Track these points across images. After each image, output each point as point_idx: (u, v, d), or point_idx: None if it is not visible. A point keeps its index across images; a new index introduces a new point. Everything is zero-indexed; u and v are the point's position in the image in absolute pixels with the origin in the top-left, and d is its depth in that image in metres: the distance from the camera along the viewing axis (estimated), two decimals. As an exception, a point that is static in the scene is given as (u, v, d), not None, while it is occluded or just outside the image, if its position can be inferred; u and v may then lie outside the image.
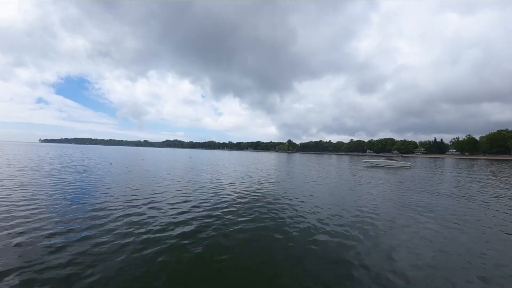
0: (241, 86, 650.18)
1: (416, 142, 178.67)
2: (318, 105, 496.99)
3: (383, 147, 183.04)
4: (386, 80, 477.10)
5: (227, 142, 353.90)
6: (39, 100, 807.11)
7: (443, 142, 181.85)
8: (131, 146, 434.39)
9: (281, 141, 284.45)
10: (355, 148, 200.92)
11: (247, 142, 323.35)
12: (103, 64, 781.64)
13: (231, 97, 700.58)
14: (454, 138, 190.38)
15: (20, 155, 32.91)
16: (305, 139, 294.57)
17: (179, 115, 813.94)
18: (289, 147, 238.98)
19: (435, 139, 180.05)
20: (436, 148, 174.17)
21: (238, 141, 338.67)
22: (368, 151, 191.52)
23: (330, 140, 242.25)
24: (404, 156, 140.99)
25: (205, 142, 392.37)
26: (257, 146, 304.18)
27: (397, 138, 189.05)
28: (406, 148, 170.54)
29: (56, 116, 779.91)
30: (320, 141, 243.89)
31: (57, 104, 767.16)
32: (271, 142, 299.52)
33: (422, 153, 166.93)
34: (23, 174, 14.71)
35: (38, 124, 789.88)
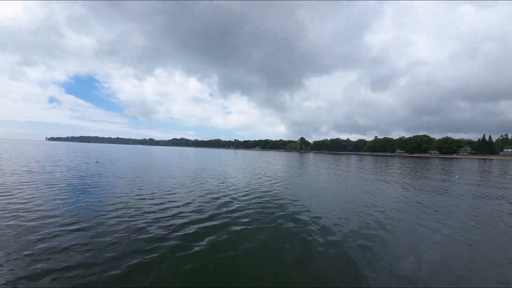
0: (249, 84, 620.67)
1: (460, 141, 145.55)
2: (329, 103, 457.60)
3: (418, 146, 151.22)
4: (399, 75, 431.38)
5: (233, 140, 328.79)
6: (51, 100, 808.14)
7: (492, 141, 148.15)
8: (137, 144, 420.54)
9: (292, 139, 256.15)
10: (381, 147, 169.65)
11: (255, 141, 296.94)
12: (110, 63, 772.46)
13: (239, 96, 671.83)
14: (502, 135, 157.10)
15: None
16: (315, 137, 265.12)
17: (188, 114, 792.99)
18: (302, 146, 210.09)
19: (484, 136, 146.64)
20: (485, 147, 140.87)
21: (246, 139, 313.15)
22: (398, 150, 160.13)
23: (348, 138, 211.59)
24: (448, 157, 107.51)
25: (210, 140, 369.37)
26: (265, 145, 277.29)
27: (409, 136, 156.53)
28: (449, 147, 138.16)
29: (69, 116, 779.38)
30: (337, 139, 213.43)
31: (69, 104, 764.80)
32: (280, 140, 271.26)
33: (470, 153, 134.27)
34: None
35: (52, 123, 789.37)
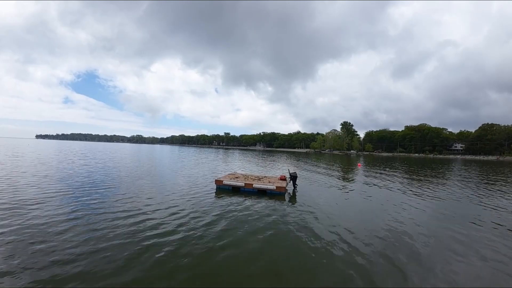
0: (257, 76, 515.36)
1: None
2: (345, 96, 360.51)
3: None
4: (426, 58, 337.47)
5: (223, 135, 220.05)
6: (66, 100, 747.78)
7: None
8: (125, 142, 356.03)
9: (308, 132, 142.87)
10: None
11: (255, 135, 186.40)
12: (111, 59, 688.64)
13: (246, 90, 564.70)
14: None
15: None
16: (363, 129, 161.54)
17: (198, 111, 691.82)
18: (351, 141, 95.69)
19: None
20: None
21: (243, 134, 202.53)
22: None
23: (449, 130, 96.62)
24: None
25: (193, 136, 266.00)
26: (271, 142, 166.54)
27: None
28: None
29: (85, 115, 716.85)
30: (424, 126, 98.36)
31: (83, 103, 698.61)
32: (298, 133, 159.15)
33: None
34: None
35: (71, 123, 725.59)
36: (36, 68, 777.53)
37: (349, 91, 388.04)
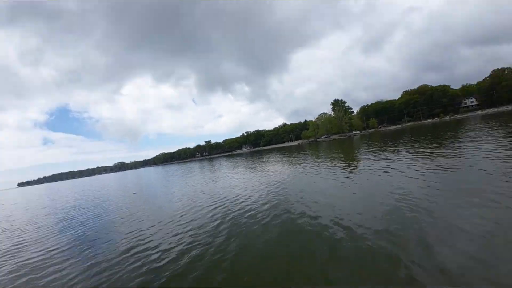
0: (231, 77, 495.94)
1: None
2: (322, 82, 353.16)
3: None
4: (394, 28, 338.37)
5: (204, 144, 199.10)
6: (45, 141, 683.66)
7: None
8: (108, 172, 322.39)
9: (294, 122, 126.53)
10: None
11: (240, 136, 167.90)
12: (84, 92, 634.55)
13: (227, 96, 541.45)
14: None
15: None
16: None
17: (181, 126, 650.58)
18: (349, 119, 79.33)
19: None
20: None
21: (227, 138, 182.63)
22: None
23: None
24: None
25: (174, 152, 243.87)
26: (257, 141, 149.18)
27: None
28: None
29: (68, 152, 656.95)
30: (427, 86, 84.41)
31: (63, 141, 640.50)
32: (284, 125, 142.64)
33: None
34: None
35: (54, 163, 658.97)
36: (6, 115, 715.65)
37: (324, 76, 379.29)
